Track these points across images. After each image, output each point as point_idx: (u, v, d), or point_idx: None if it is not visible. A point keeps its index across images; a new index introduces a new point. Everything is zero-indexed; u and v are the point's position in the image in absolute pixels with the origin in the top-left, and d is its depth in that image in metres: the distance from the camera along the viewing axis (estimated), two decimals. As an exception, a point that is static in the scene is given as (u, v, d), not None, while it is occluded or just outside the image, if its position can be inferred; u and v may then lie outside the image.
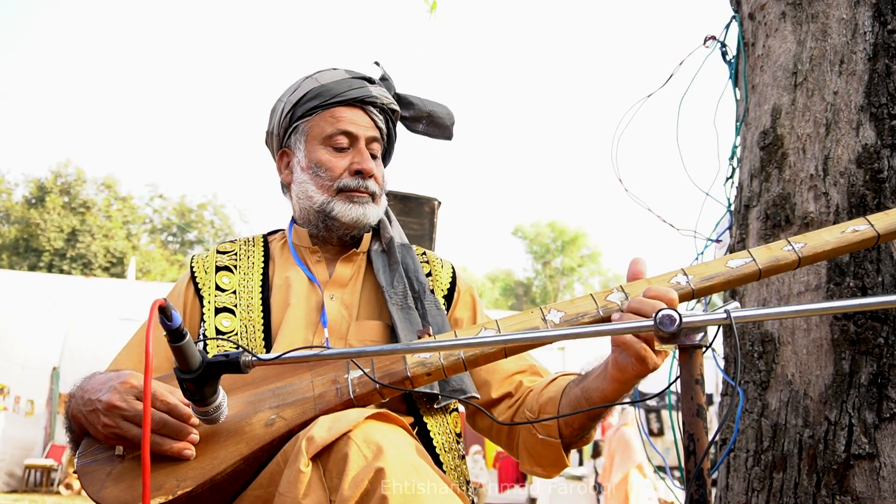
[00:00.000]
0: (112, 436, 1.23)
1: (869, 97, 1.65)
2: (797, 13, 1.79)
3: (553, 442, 1.40)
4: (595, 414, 1.35)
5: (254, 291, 1.57)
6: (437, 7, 3.67)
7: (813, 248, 1.29)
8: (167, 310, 1.02)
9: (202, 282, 1.58)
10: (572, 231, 38.28)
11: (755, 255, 1.29)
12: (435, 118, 1.74)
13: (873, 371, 1.53)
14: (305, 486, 1.07)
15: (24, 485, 10.38)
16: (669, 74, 2.08)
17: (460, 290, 1.67)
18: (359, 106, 1.60)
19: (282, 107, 1.65)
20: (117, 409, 1.21)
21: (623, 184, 2.11)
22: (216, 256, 1.63)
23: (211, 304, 1.54)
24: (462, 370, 1.29)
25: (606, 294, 1.29)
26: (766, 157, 1.78)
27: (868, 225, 1.30)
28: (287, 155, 1.66)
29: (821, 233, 1.31)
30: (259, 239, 1.70)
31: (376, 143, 1.62)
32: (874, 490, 1.49)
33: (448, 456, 1.46)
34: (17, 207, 29.12)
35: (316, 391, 1.26)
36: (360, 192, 1.58)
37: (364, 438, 1.09)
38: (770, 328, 1.69)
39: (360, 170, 1.57)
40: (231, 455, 1.19)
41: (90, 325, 10.52)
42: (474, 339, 1.21)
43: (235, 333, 1.50)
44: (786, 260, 1.28)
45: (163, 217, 33.47)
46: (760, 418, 1.68)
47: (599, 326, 1.13)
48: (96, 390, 1.27)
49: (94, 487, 1.21)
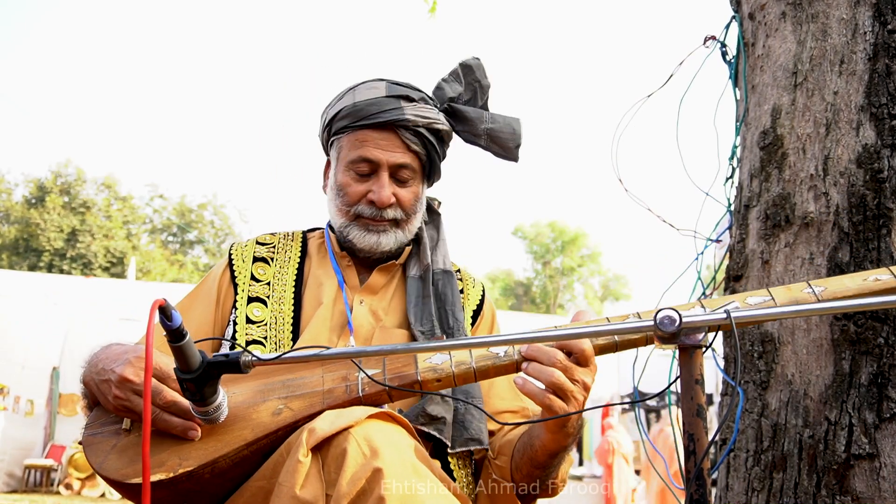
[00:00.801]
0: (121, 408, 1.24)
1: (869, 97, 1.65)
2: (797, 13, 1.79)
3: (505, 485, 1.41)
4: (539, 463, 1.34)
5: (287, 285, 1.58)
6: (436, 7, 3.67)
7: (833, 293, 1.28)
8: (167, 310, 1.02)
9: (239, 270, 1.60)
10: (572, 231, 38.27)
11: (774, 295, 1.28)
12: (494, 138, 1.61)
13: (873, 371, 1.53)
14: (303, 477, 1.07)
15: (23, 485, 10.38)
16: (669, 74, 2.08)
17: (485, 313, 1.69)
18: (391, 129, 1.54)
19: (324, 118, 1.65)
20: (130, 382, 1.22)
21: (623, 184, 2.11)
22: (255, 247, 1.64)
23: (244, 292, 1.56)
24: (472, 379, 1.28)
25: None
26: (766, 157, 1.78)
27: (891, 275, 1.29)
28: (329, 165, 1.67)
29: (842, 279, 1.31)
30: (298, 235, 1.71)
31: (405, 169, 1.56)
32: (874, 490, 1.49)
33: (456, 459, 1.46)
34: (17, 207, 29.12)
35: (326, 386, 1.27)
36: (377, 221, 1.56)
37: (364, 436, 1.09)
38: (770, 328, 1.69)
39: (374, 200, 1.55)
40: (235, 440, 1.19)
41: (90, 325, 10.51)
42: (475, 340, 1.21)
43: (265, 324, 1.51)
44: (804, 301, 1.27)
45: (163, 217, 33.47)
46: (760, 418, 1.68)
47: (600, 327, 1.13)
48: (112, 360, 1.27)
49: (96, 458, 1.22)
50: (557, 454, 1.32)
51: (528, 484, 1.39)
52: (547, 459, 1.33)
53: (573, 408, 1.20)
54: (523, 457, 1.37)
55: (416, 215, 1.61)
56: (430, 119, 1.56)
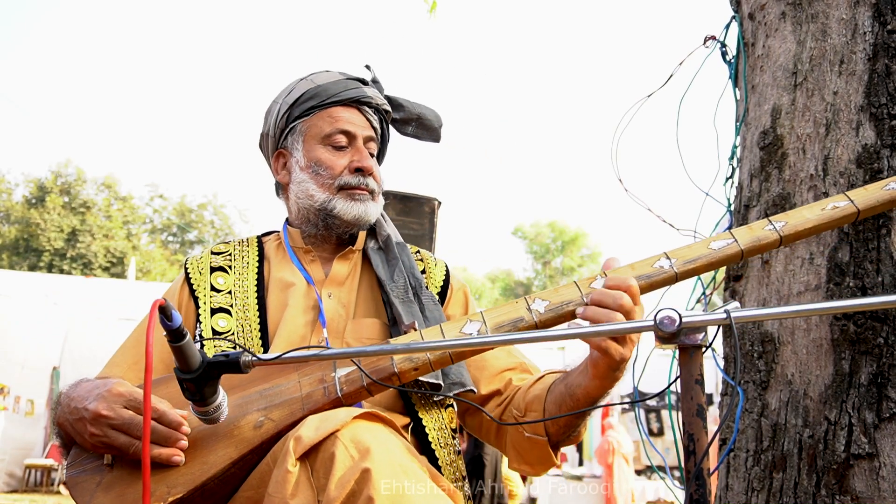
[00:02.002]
0: (100, 444, 1.22)
1: (869, 97, 1.65)
2: (797, 13, 1.79)
3: (539, 440, 1.40)
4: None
5: (249, 291, 1.57)
6: (436, 7, 3.67)
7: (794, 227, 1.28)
8: (167, 310, 1.02)
9: (197, 283, 1.57)
10: (572, 231, 38.27)
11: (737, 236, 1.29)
12: (424, 121, 1.76)
13: (873, 371, 1.53)
14: (293, 487, 1.06)
15: (24, 485, 10.38)
16: (669, 74, 2.08)
17: (453, 288, 1.68)
18: (355, 106, 1.64)
19: (277, 108, 1.66)
20: (104, 418, 1.21)
21: (623, 184, 2.11)
22: (210, 257, 1.63)
23: (207, 304, 1.54)
24: (449, 363, 1.29)
25: (590, 281, 1.29)
26: (765, 157, 1.78)
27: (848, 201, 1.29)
28: (283, 156, 1.67)
29: (801, 210, 1.30)
30: (253, 240, 1.71)
31: (372, 142, 1.65)
32: (874, 490, 1.49)
33: (444, 451, 1.46)
34: (17, 207, 29.10)
35: (303, 391, 1.26)
36: (361, 190, 1.60)
37: (351, 438, 1.09)
38: (770, 328, 1.69)
39: (361, 167, 1.59)
40: (221, 459, 1.19)
41: (90, 325, 10.50)
42: (474, 340, 1.21)
43: (232, 333, 1.50)
44: (767, 239, 1.27)
45: (163, 217, 33.46)
46: (760, 418, 1.68)
47: (597, 327, 1.13)
48: (82, 398, 1.26)
49: (84, 498, 1.20)
50: (598, 399, 1.32)
51: (563, 434, 1.40)
52: (588, 406, 1.33)
53: (628, 351, 1.21)
54: (561, 408, 1.36)
55: (381, 192, 1.67)
56: (383, 100, 1.69)
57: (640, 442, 9.71)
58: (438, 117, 1.78)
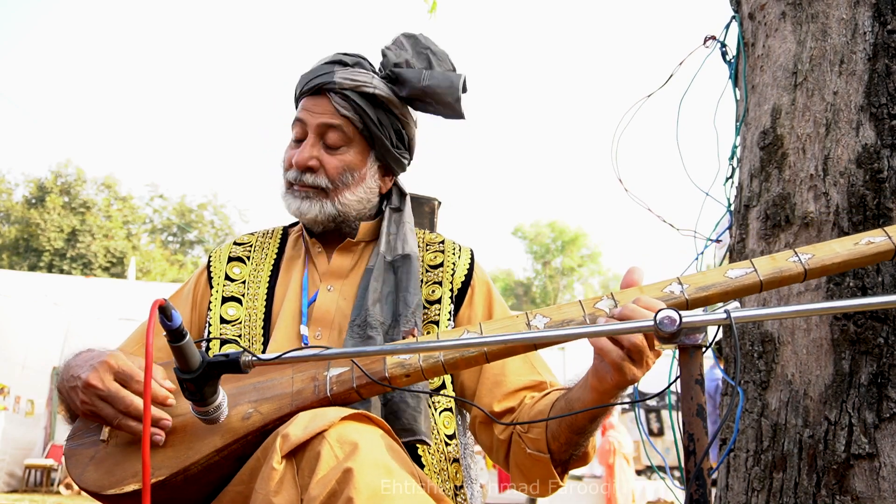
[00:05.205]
0: (88, 412, 1.25)
1: (869, 97, 1.65)
2: (797, 13, 1.79)
3: (542, 457, 1.36)
4: (579, 427, 1.30)
5: (262, 282, 1.58)
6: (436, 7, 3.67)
7: (821, 261, 1.18)
8: (167, 310, 1.02)
9: (215, 271, 1.60)
10: (572, 231, 38.27)
11: (757, 266, 1.19)
12: (434, 95, 1.53)
13: (873, 371, 1.53)
14: (277, 484, 1.06)
15: (24, 485, 10.37)
16: (669, 74, 2.08)
17: (475, 285, 1.58)
18: (322, 93, 1.53)
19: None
20: (93, 387, 1.23)
21: (623, 184, 2.11)
22: (231, 248, 1.65)
23: (219, 292, 1.56)
24: (442, 373, 1.26)
25: (595, 301, 1.25)
26: (766, 157, 1.78)
27: (885, 237, 1.19)
28: None
29: (831, 244, 1.20)
30: (278, 231, 1.70)
31: (334, 131, 1.53)
32: (874, 490, 1.49)
33: (433, 459, 1.43)
34: (17, 207, 29.11)
35: (295, 387, 1.25)
36: (301, 187, 1.54)
37: (338, 438, 1.08)
38: (770, 328, 1.69)
39: (295, 161, 1.53)
40: (205, 446, 1.19)
41: (90, 325, 10.49)
42: (474, 340, 1.21)
43: (239, 322, 1.51)
44: (790, 272, 1.18)
45: (163, 217, 33.47)
46: (760, 418, 1.68)
47: (596, 327, 1.12)
48: (79, 367, 1.29)
49: (76, 470, 1.24)
50: (597, 417, 1.29)
51: (566, 452, 1.35)
52: (587, 423, 1.29)
53: (641, 373, 1.17)
54: (561, 424, 1.32)
55: (349, 187, 1.54)
56: (358, 82, 1.52)
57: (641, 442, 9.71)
58: (453, 87, 1.53)
